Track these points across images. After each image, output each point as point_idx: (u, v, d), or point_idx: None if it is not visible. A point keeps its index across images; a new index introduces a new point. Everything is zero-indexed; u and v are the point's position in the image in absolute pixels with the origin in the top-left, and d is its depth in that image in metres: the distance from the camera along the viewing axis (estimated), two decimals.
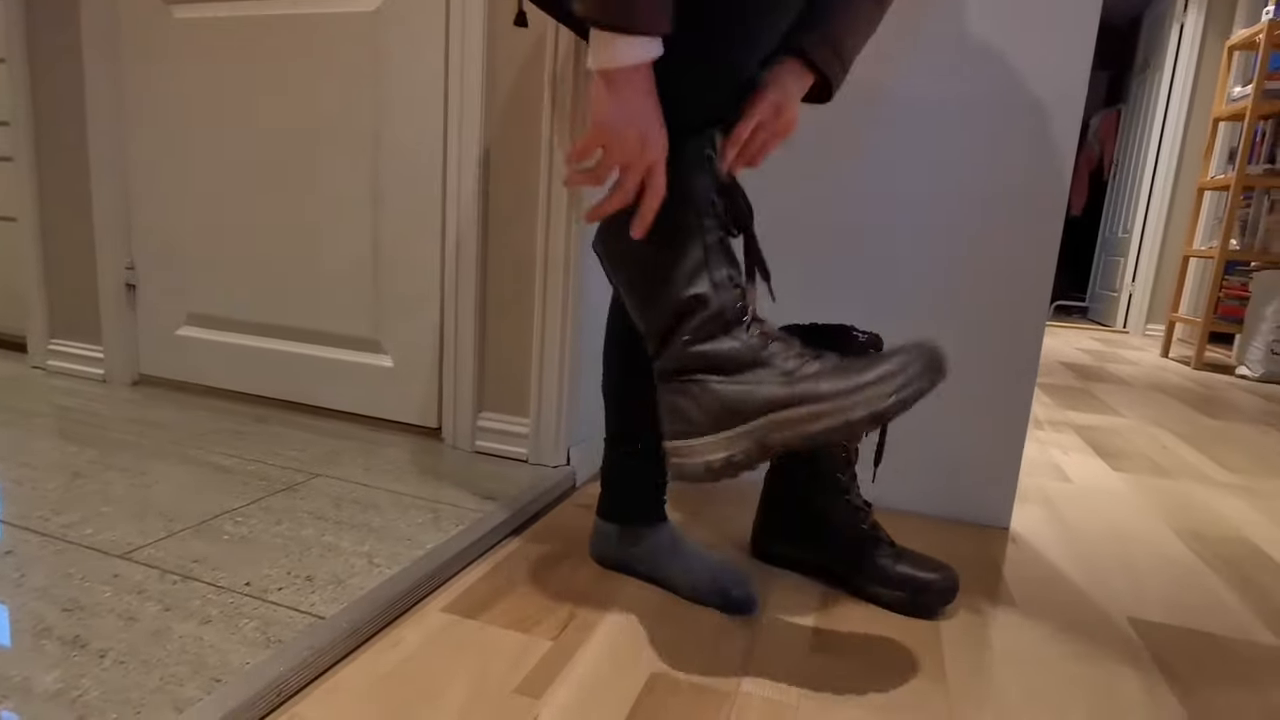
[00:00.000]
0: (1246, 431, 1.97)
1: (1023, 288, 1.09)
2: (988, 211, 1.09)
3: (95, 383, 1.59)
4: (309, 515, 0.97)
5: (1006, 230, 1.08)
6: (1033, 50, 1.04)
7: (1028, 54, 1.04)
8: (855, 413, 0.63)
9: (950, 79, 1.08)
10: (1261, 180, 2.94)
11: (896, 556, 0.88)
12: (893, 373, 0.63)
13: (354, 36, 1.29)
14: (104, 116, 1.50)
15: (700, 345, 0.69)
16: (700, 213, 0.69)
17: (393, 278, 1.33)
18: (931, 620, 0.85)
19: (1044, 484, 1.38)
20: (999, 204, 1.08)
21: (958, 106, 1.08)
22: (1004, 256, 1.09)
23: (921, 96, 1.09)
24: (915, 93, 1.09)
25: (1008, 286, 1.09)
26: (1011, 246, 1.08)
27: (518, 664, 0.71)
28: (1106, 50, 5.49)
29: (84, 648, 0.66)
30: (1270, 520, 1.27)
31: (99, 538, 0.87)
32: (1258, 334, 2.91)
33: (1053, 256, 1.07)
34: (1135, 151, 4.52)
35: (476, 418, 1.27)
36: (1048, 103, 1.04)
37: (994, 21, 1.05)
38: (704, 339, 0.69)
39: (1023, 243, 1.08)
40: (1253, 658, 0.82)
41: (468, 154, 1.20)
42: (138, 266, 1.56)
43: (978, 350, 1.12)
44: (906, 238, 1.12)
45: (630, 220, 0.70)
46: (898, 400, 0.62)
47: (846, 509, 0.90)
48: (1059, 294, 5.54)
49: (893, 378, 0.63)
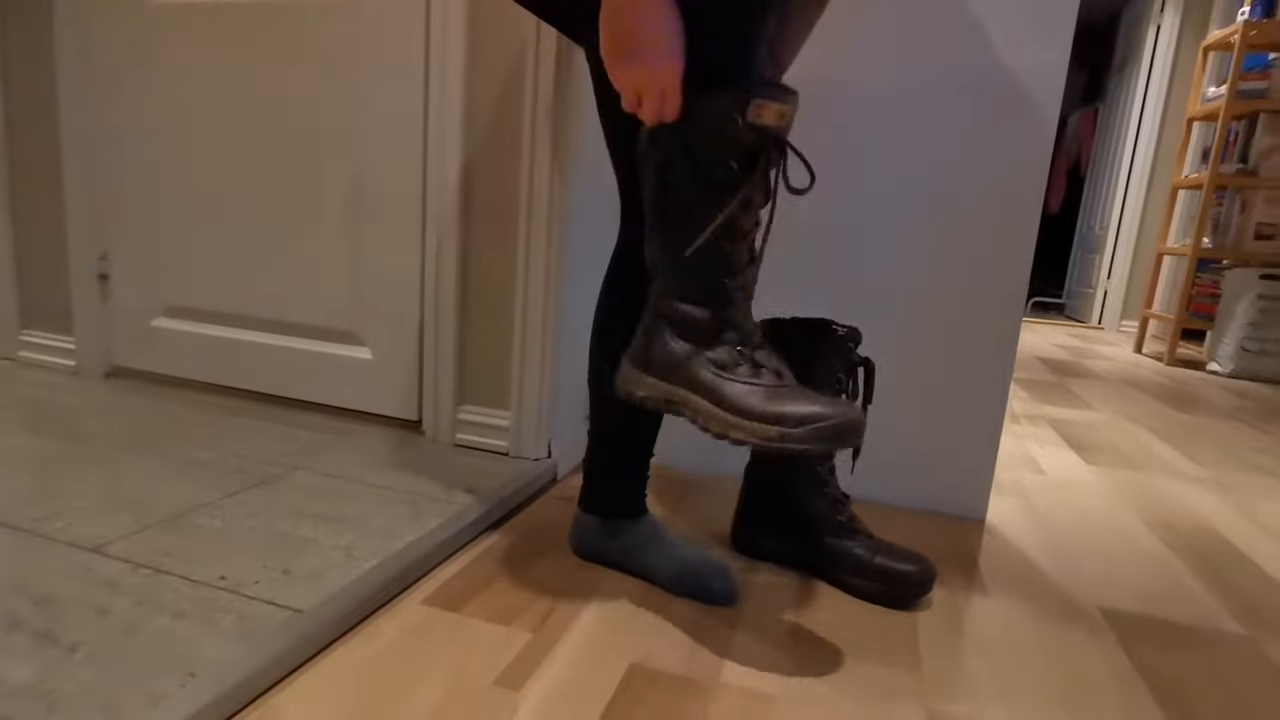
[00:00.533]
0: (1217, 426, 2.01)
1: (1000, 284, 1.10)
2: (966, 208, 1.10)
3: (67, 374, 1.56)
4: (286, 509, 0.96)
5: (984, 227, 1.09)
6: (1010, 49, 1.05)
7: (1005, 52, 1.05)
8: (737, 434, 0.67)
9: (928, 77, 1.08)
10: (1233, 180, 2.99)
11: (874, 548, 0.89)
12: (804, 419, 0.64)
13: (333, 23, 1.27)
14: (77, 106, 1.47)
15: (678, 302, 0.72)
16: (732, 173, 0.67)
17: (372, 269, 1.32)
18: (908, 611, 0.86)
19: (1020, 476, 1.40)
20: (977, 201, 1.09)
21: (936, 105, 1.09)
22: (982, 253, 1.10)
23: (899, 95, 1.10)
24: (894, 91, 1.10)
25: (986, 283, 1.10)
26: (989, 243, 1.10)
27: (497, 656, 0.71)
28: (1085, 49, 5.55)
29: (56, 642, 0.65)
30: (1238, 513, 1.30)
31: (71, 531, 0.85)
32: (1228, 331, 2.97)
33: (1029, 253, 1.08)
34: (1112, 150, 4.58)
35: (457, 411, 1.27)
36: (1025, 101, 1.05)
37: (972, 19, 1.05)
38: (684, 299, 0.71)
39: (1000, 239, 1.09)
40: (1219, 645, 0.84)
41: (450, 146, 1.19)
42: (111, 256, 1.54)
43: (956, 346, 1.13)
44: (886, 235, 1.13)
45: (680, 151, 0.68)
46: (779, 446, 0.65)
47: (825, 502, 0.91)
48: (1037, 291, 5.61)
49: (798, 424, 0.64)
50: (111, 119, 1.48)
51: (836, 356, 0.89)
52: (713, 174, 0.66)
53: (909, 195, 1.12)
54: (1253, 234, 3.04)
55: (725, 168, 0.66)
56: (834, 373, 0.89)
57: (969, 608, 0.88)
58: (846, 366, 0.89)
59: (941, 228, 1.11)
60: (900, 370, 1.16)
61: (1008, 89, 1.06)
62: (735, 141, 0.65)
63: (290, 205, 1.36)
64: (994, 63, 1.06)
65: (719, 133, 0.65)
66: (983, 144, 1.08)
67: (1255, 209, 3.03)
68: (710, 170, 0.66)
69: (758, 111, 0.64)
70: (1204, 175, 3.06)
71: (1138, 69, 4.18)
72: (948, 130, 1.09)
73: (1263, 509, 1.33)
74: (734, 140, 0.65)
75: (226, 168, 1.40)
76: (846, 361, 0.89)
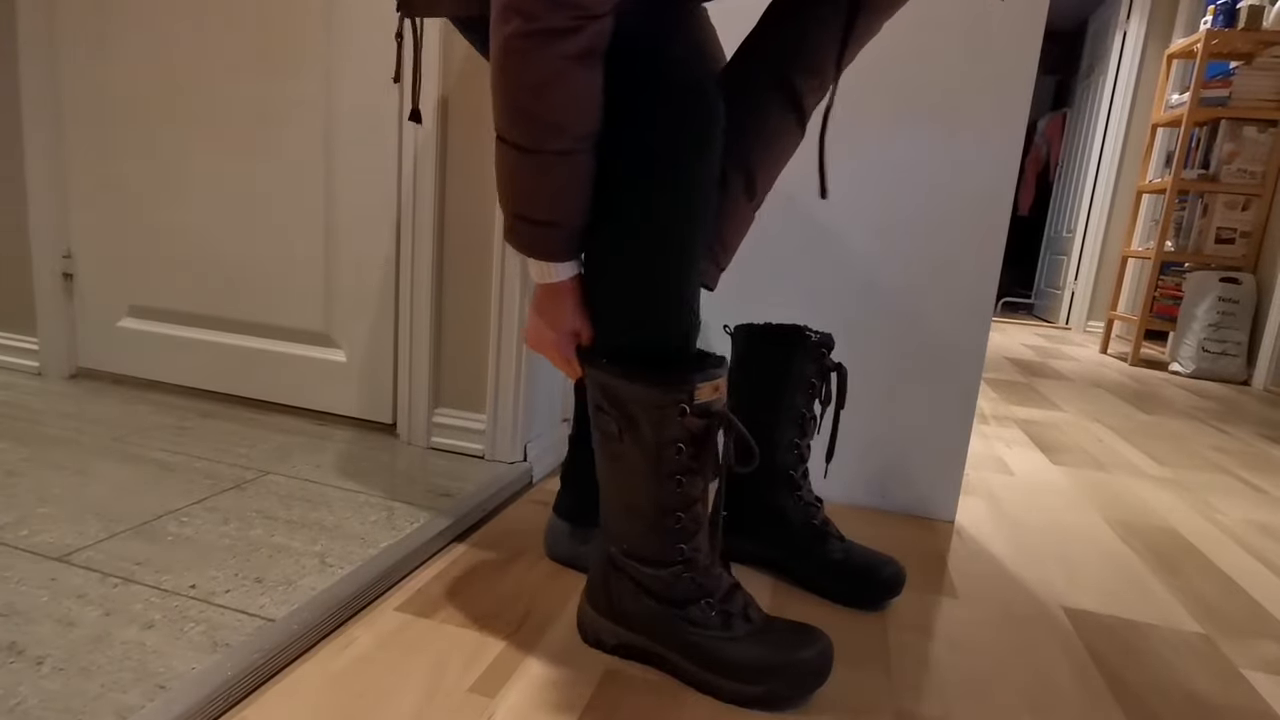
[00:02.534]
0: (1177, 426, 2.06)
1: (969, 286, 1.12)
2: (936, 211, 1.12)
3: (30, 375, 1.52)
4: (258, 514, 0.95)
5: (954, 229, 1.11)
6: (980, 55, 1.07)
7: (974, 58, 1.07)
8: (720, 695, 0.69)
9: (899, 84, 1.10)
10: (1195, 185, 3.07)
11: (845, 550, 0.90)
12: (781, 669, 0.67)
13: (305, 23, 1.25)
14: (40, 100, 1.43)
15: (637, 563, 0.73)
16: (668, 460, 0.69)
17: (345, 270, 1.31)
18: (878, 612, 0.88)
19: (988, 477, 1.43)
20: (948, 204, 1.11)
21: (906, 108, 1.10)
22: (952, 256, 1.12)
23: (869, 99, 1.11)
24: (863, 95, 1.11)
25: (955, 285, 1.12)
26: (959, 247, 1.12)
27: (473, 662, 0.71)
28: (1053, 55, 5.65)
29: (21, 654, 0.63)
30: (1196, 512, 1.34)
31: (35, 539, 0.84)
32: (1190, 332, 3.05)
33: (998, 256, 1.11)
34: (1079, 154, 4.67)
35: (432, 414, 1.26)
36: (994, 105, 1.07)
37: (944, 26, 1.07)
38: (642, 561, 0.73)
39: (970, 242, 1.11)
40: (1176, 644, 0.87)
41: (424, 150, 1.18)
42: (75, 255, 1.50)
43: (926, 348, 1.15)
44: (857, 239, 1.15)
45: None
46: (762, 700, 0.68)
47: (798, 505, 0.92)
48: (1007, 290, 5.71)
49: (775, 676, 0.67)
50: (76, 116, 1.44)
51: (810, 362, 0.90)
52: (661, 454, 0.68)
53: (880, 199, 1.13)
54: (1213, 237, 3.12)
55: (673, 449, 0.67)
56: (807, 379, 0.90)
57: (938, 609, 0.90)
58: (819, 372, 0.91)
59: (912, 233, 1.13)
60: (870, 373, 1.17)
61: (977, 95, 1.08)
62: (682, 428, 0.67)
63: (260, 202, 1.34)
64: (964, 69, 1.07)
65: (662, 422, 0.67)
66: (953, 148, 1.10)
67: (1216, 213, 3.11)
68: (660, 450, 0.68)
69: (699, 395, 0.66)
70: (1167, 180, 3.14)
71: (1104, 75, 4.27)
72: (919, 135, 1.11)
73: (1221, 508, 1.37)
74: (680, 427, 0.66)
75: (196, 164, 1.38)
76: (819, 368, 0.90)
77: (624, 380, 0.67)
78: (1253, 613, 0.96)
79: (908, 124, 1.11)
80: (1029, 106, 1.07)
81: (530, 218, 0.66)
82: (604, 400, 0.70)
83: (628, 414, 0.68)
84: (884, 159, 1.12)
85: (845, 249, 1.16)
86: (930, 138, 1.10)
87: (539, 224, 0.66)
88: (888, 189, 1.13)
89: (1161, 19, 3.96)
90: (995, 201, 1.09)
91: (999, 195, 1.09)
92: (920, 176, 1.11)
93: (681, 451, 0.67)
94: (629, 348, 0.70)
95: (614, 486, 0.73)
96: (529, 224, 0.67)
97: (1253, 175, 3.04)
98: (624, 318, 0.71)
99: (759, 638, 0.69)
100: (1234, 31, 2.93)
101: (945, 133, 1.09)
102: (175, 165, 1.39)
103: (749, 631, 0.70)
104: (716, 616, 0.70)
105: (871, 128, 1.12)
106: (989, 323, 1.12)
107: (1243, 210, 3.08)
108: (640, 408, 0.67)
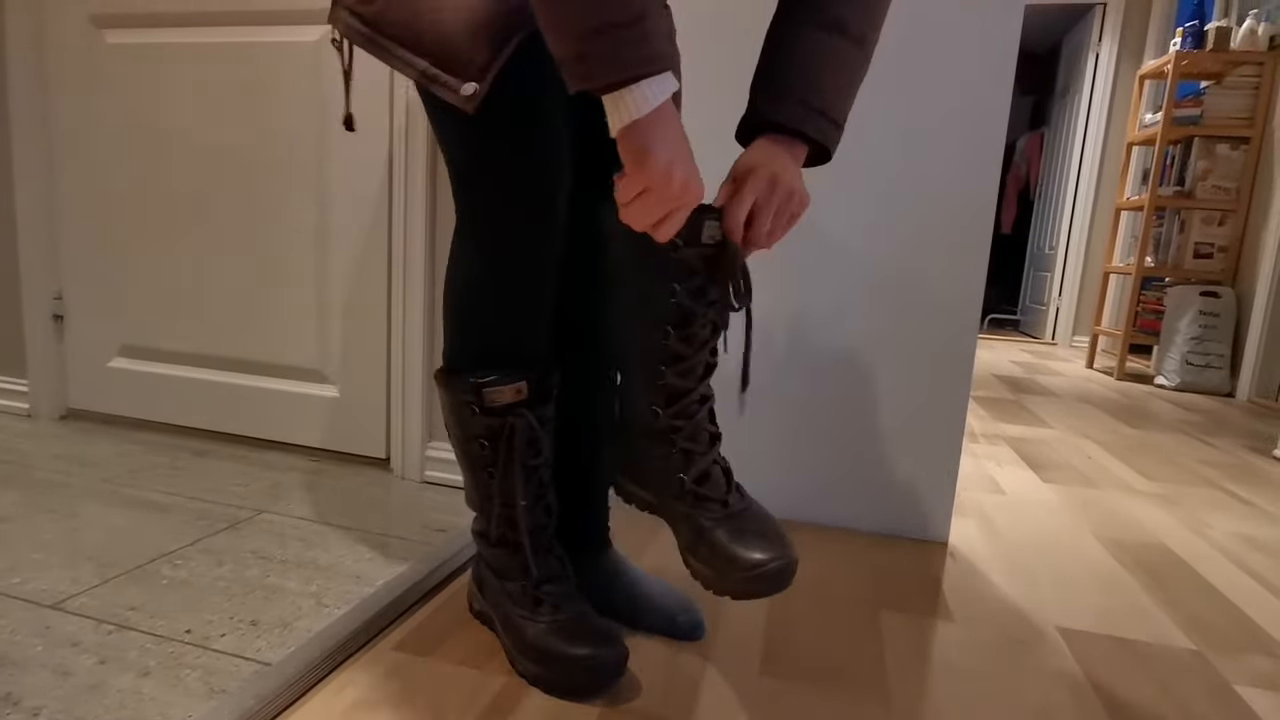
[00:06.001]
0: (1164, 440, 2.08)
1: (955, 306, 1.14)
2: (918, 231, 1.14)
3: (20, 417, 1.52)
4: (252, 555, 0.95)
5: (937, 248, 1.14)
6: (956, 76, 1.10)
7: (952, 79, 1.10)
8: (522, 672, 0.77)
9: (881, 107, 1.13)
10: (1171, 201, 3.13)
11: (723, 519, 0.76)
12: (577, 660, 0.73)
13: (296, 65, 1.27)
14: (30, 140, 1.45)
15: (482, 541, 0.82)
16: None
17: (338, 307, 1.31)
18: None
19: (979, 497, 1.44)
20: (930, 224, 1.13)
21: (889, 132, 1.13)
22: (936, 275, 1.14)
23: (853, 122, 1.14)
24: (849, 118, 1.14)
25: (940, 304, 1.14)
26: (942, 265, 1.14)
27: (472, 701, 0.71)
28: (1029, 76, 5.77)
29: (16, 705, 0.63)
30: (1185, 527, 1.36)
31: (28, 587, 0.83)
32: (1173, 345, 3.09)
33: (981, 275, 1.13)
34: (1058, 172, 4.76)
35: (425, 447, 1.26)
36: (972, 126, 1.10)
37: (923, 50, 1.10)
38: (487, 543, 0.82)
39: (953, 261, 1.13)
40: (1169, 661, 0.87)
41: (414, 184, 1.20)
42: (66, 296, 1.51)
43: (913, 369, 1.16)
44: (843, 257, 1.17)
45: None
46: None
47: (674, 457, 0.74)
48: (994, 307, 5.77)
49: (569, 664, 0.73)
50: (68, 157, 1.46)
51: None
52: (468, 449, 0.77)
53: (864, 221, 1.16)
54: (1191, 252, 3.18)
55: (477, 444, 0.75)
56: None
57: (935, 633, 0.91)
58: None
59: (896, 252, 1.15)
60: (859, 393, 1.19)
61: (956, 121, 1.10)
62: (479, 425, 0.74)
63: (253, 242, 1.35)
64: (943, 96, 1.10)
65: (461, 420, 0.76)
66: (934, 169, 1.12)
67: (1193, 229, 3.17)
68: (466, 445, 0.77)
69: (493, 398, 0.73)
70: (1144, 197, 3.20)
71: (1079, 96, 4.36)
72: (901, 157, 1.13)
73: (1209, 522, 1.39)
74: (477, 424, 0.74)
75: (187, 205, 1.39)
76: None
77: (439, 385, 0.77)
78: (1243, 627, 0.97)
79: (889, 146, 1.13)
80: (1006, 127, 1.09)
81: (619, 21, 0.56)
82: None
83: (445, 413, 0.78)
84: (866, 181, 1.15)
85: (829, 268, 1.17)
86: (911, 159, 1.13)
87: (632, 24, 0.56)
88: (871, 211, 1.15)
89: (1132, 41, 4.06)
90: (977, 219, 1.12)
91: (980, 213, 1.11)
92: (901, 196, 1.14)
93: (485, 447, 0.75)
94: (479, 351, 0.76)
95: (464, 469, 0.81)
96: (619, 31, 0.56)
97: (1227, 191, 3.11)
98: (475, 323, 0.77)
99: (558, 627, 0.75)
100: (1203, 53, 3.00)
101: (925, 154, 1.12)
102: (166, 209, 1.40)
103: (552, 620, 0.75)
104: (527, 599, 0.77)
105: (853, 150, 1.14)
106: (975, 341, 1.14)
107: (1219, 225, 3.14)
108: (446, 409, 0.77)
